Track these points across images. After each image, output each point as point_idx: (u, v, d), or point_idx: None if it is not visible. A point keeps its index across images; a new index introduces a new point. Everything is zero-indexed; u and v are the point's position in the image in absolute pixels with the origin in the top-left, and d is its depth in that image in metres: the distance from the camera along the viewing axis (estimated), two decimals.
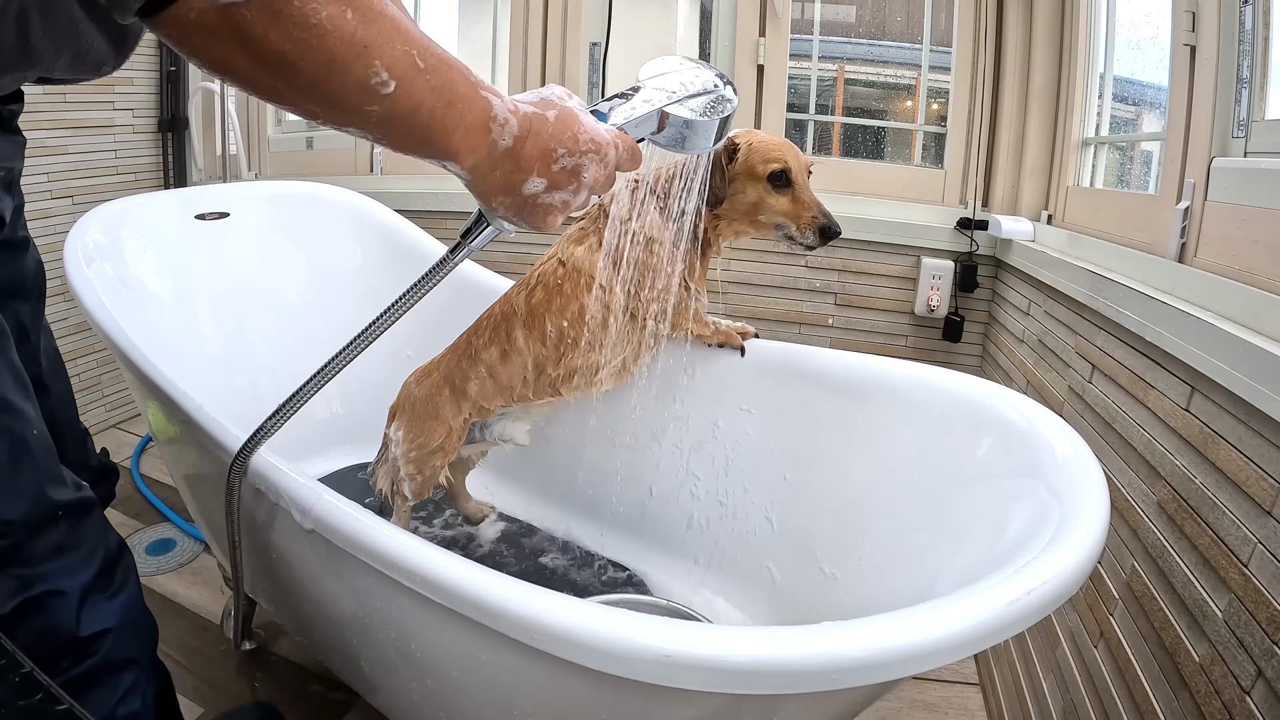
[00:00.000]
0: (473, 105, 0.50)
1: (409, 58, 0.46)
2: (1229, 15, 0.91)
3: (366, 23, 0.43)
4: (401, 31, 0.45)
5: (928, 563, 0.82)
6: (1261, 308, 0.72)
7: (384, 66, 0.45)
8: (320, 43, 0.42)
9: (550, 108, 0.56)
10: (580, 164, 0.57)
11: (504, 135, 0.53)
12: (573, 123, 0.56)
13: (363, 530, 0.68)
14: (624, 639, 0.52)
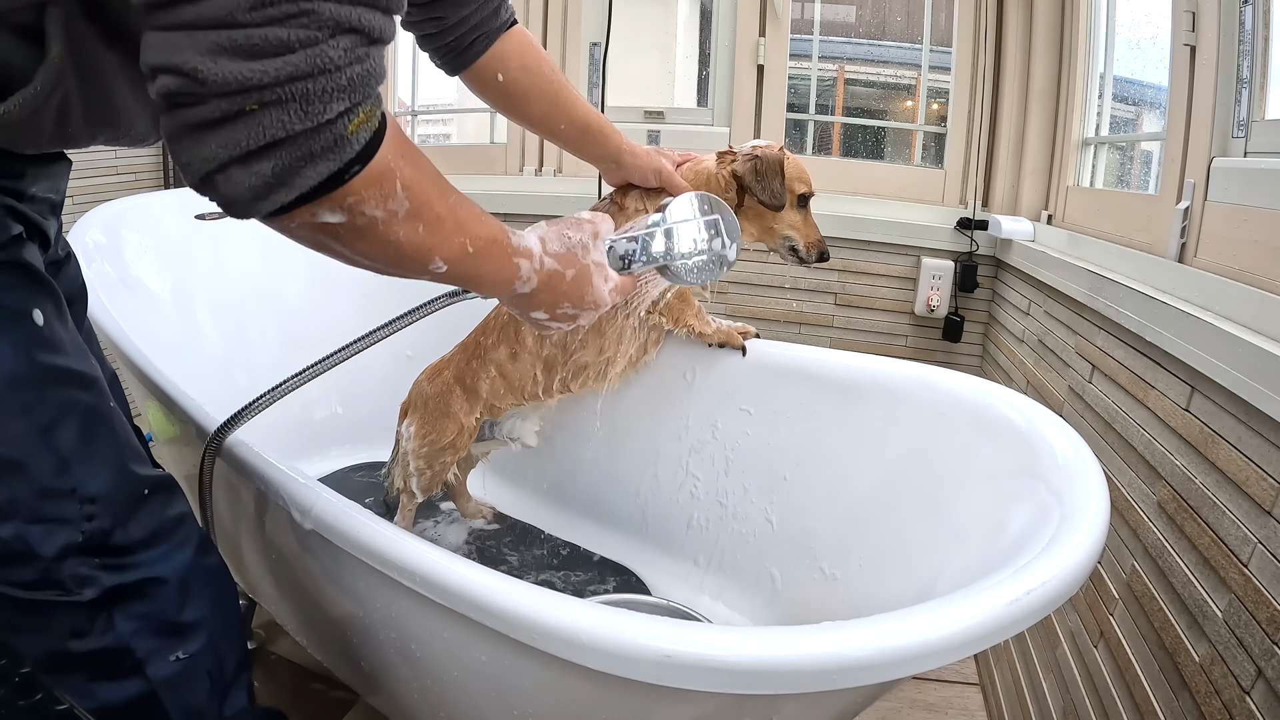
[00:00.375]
0: (504, 270, 0.61)
1: (463, 248, 0.56)
2: (1229, 15, 0.91)
3: (433, 231, 0.53)
4: (461, 226, 0.55)
5: (928, 563, 0.82)
6: (1261, 308, 0.72)
7: (442, 259, 0.55)
8: (395, 251, 0.52)
9: (572, 265, 0.66)
10: (580, 314, 0.68)
11: (524, 287, 0.63)
12: (585, 285, 0.67)
13: (363, 530, 0.68)
14: (624, 639, 0.52)
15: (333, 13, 0.43)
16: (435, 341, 1.36)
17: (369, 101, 0.47)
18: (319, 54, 0.43)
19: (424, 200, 0.52)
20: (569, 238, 0.67)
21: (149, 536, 0.64)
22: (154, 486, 0.66)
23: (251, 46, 0.41)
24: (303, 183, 0.45)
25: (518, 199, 1.88)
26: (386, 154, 0.48)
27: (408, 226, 0.51)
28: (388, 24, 0.47)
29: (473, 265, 0.58)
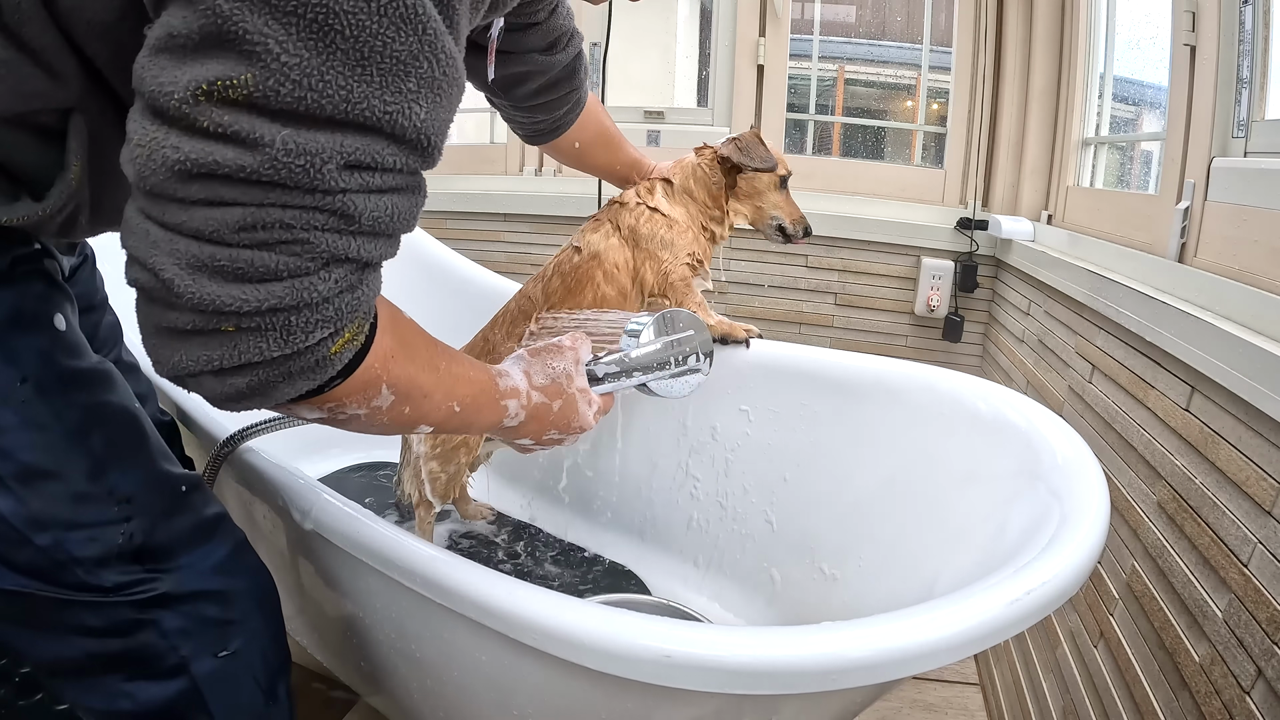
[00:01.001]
0: (491, 414, 0.62)
1: (449, 410, 0.56)
2: (1229, 15, 0.91)
3: (419, 407, 0.53)
4: (448, 392, 0.55)
5: (928, 563, 0.82)
6: (1261, 308, 0.72)
7: (428, 424, 0.56)
8: (385, 427, 0.52)
9: (558, 396, 0.67)
10: (563, 439, 0.70)
11: (511, 422, 0.64)
12: (570, 413, 0.68)
13: (363, 530, 0.68)
14: (624, 639, 0.52)
15: (329, 244, 0.40)
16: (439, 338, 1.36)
17: (355, 322, 0.44)
18: (306, 286, 0.40)
19: (411, 387, 0.51)
20: (553, 368, 0.68)
21: (189, 535, 0.63)
22: (190, 485, 0.65)
23: (235, 269, 0.38)
24: (279, 396, 0.44)
25: (518, 199, 1.88)
26: (373, 363, 0.47)
27: (394, 412, 0.51)
28: (389, 248, 0.45)
29: (461, 421, 0.59)
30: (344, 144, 0.38)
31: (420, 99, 0.40)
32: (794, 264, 1.71)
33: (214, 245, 0.38)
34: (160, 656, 0.61)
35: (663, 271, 1.03)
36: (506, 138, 1.96)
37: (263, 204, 0.38)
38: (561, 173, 1.91)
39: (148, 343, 0.42)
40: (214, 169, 0.36)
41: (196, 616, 0.63)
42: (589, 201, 1.79)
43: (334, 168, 0.38)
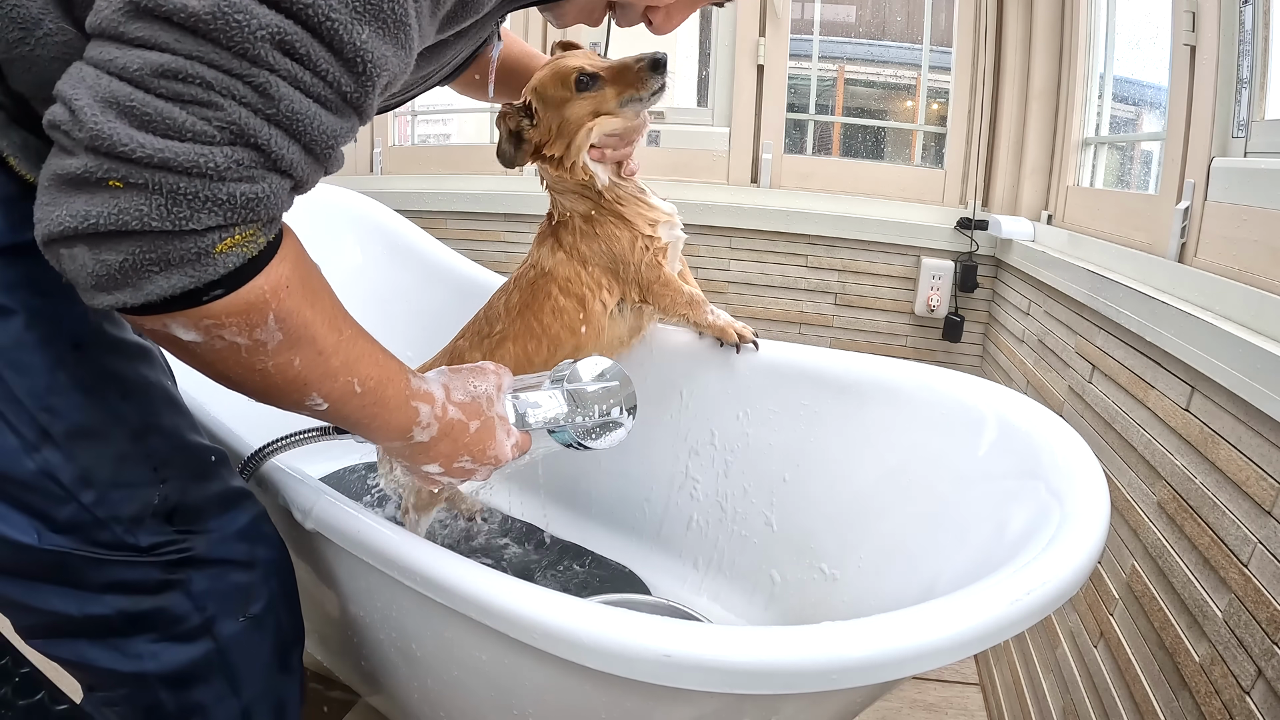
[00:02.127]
0: (400, 415, 0.58)
1: (349, 386, 0.52)
2: (1229, 15, 0.91)
3: (311, 366, 0.49)
4: (349, 363, 0.52)
5: (928, 563, 0.82)
6: (1261, 308, 0.72)
7: (321, 396, 0.52)
8: (263, 381, 0.49)
9: (476, 416, 0.63)
10: (475, 470, 0.65)
11: (422, 434, 0.60)
12: (487, 439, 0.64)
13: (363, 530, 0.68)
14: (624, 639, 0.52)
15: (241, 118, 0.40)
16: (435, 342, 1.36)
17: (252, 226, 0.43)
18: (204, 153, 0.39)
19: (303, 334, 0.48)
20: (474, 388, 0.65)
21: (218, 501, 0.65)
22: (218, 457, 0.66)
23: (142, 114, 0.38)
24: (152, 290, 0.41)
25: (518, 199, 1.88)
26: (263, 285, 0.45)
27: (280, 358, 0.48)
28: (302, 161, 0.43)
29: (360, 406, 0.54)
30: (283, 25, 0.39)
31: (365, 22, 0.41)
32: (794, 264, 1.71)
33: (132, 86, 0.38)
34: (186, 617, 0.63)
35: (634, 282, 0.99)
36: None
37: (191, 55, 0.38)
38: None
39: (39, 200, 0.41)
40: (160, 6, 0.37)
41: (223, 579, 0.64)
42: None
43: (267, 40, 0.39)
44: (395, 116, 2.10)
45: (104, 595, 0.60)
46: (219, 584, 0.64)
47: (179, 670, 0.64)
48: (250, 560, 0.67)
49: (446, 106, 2.24)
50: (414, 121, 2.17)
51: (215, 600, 0.64)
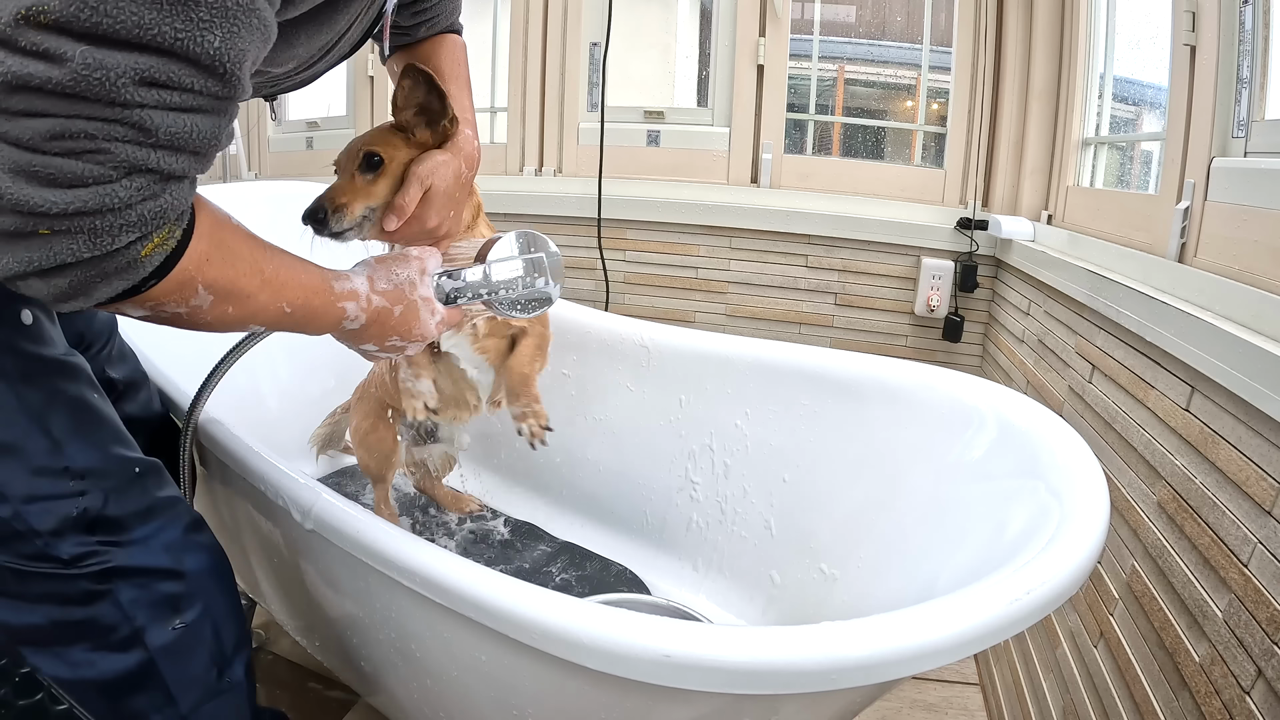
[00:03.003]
0: (328, 316, 0.65)
1: (279, 309, 0.59)
2: (1229, 15, 0.91)
3: (244, 307, 0.56)
4: (276, 293, 0.58)
5: (928, 563, 0.81)
6: (1261, 308, 0.72)
7: (258, 323, 0.60)
8: (214, 324, 0.56)
9: (400, 301, 0.70)
10: (407, 347, 0.73)
11: (352, 324, 0.67)
12: (412, 319, 0.71)
13: (363, 530, 0.68)
14: (624, 639, 0.52)
15: (128, 154, 0.44)
16: None
17: (166, 227, 0.48)
18: (108, 192, 0.44)
19: (232, 288, 0.55)
20: (397, 275, 0.71)
21: (142, 513, 0.68)
22: (144, 468, 0.69)
23: (47, 175, 0.43)
24: (99, 295, 0.48)
25: (518, 199, 1.88)
26: (187, 265, 0.51)
27: (216, 311, 0.55)
28: (194, 164, 0.48)
29: (294, 321, 0.62)
30: (138, 62, 0.42)
31: (214, 27, 0.43)
32: (794, 264, 1.71)
33: (30, 152, 0.42)
34: (117, 627, 0.65)
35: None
36: (506, 138, 1.96)
37: (69, 115, 0.42)
38: (561, 172, 1.91)
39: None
40: (28, 81, 0.41)
41: (150, 589, 0.67)
42: (589, 201, 1.79)
43: (129, 83, 0.42)
44: None
45: (38, 605, 0.63)
46: (146, 594, 0.67)
47: (116, 679, 0.66)
48: (178, 570, 0.69)
49: None
50: None
51: (144, 610, 0.66)
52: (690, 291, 1.79)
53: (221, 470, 0.86)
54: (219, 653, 0.72)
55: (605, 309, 1.81)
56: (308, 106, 2.26)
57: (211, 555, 0.73)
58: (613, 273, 1.83)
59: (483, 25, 2.03)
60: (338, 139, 2.12)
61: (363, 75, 2.06)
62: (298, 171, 2.16)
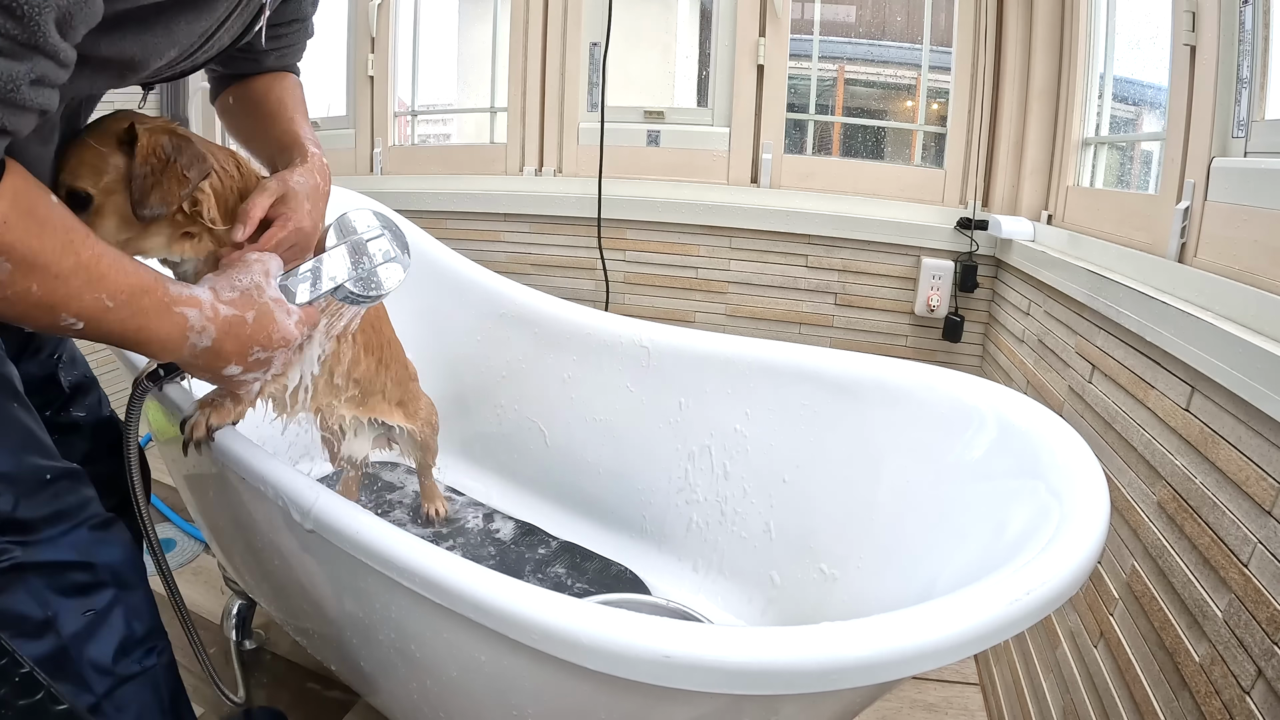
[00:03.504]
0: (166, 322, 0.59)
1: (98, 302, 0.54)
2: (1229, 15, 0.91)
3: (51, 290, 0.51)
4: (93, 281, 0.53)
5: (928, 563, 0.81)
6: (1261, 308, 0.72)
7: (71, 315, 0.53)
8: (10, 307, 0.51)
9: (250, 307, 0.65)
10: (273, 357, 0.68)
11: (202, 339, 0.62)
12: (268, 323, 0.66)
13: (363, 530, 0.68)
14: (624, 639, 0.52)
15: None
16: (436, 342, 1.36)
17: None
18: None
19: (35, 261, 0.50)
20: (240, 281, 0.66)
21: (51, 516, 0.69)
22: (56, 474, 0.70)
23: None
24: None
25: (518, 199, 1.88)
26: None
27: (18, 287, 0.50)
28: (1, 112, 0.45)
29: (119, 320, 0.56)
30: None
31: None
32: (794, 264, 1.71)
33: None
34: (30, 615, 0.67)
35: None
36: (506, 138, 1.96)
37: None
38: (561, 172, 1.91)
39: None
40: None
41: (61, 579, 0.68)
42: (589, 201, 1.79)
43: None
44: (395, 117, 2.10)
45: None
46: (56, 582, 0.68)
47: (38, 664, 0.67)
48: (89, 562, 0.70)
49: (446, 107, 2.25)
50: (414, 121, 2.17)
51: (55, 597, 0.67)
52: (690, 291, 1.79)
53: (221, 470, 0.86)
54: (131, 639, 0.73)
55: (605, 309, 1.81)
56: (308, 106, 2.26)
57: (123, 550, 0.74)
58: (613, 273, 1.83)
59: (483, 25, 2.03)
60: (338, 139, 2.13)
61: (363, 75, 2.06)
62: None
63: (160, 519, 1.64)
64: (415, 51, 2.12)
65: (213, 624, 1.31)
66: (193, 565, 1.48)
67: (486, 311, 1.38)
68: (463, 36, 2.16)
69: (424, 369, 1.23)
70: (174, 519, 1.63)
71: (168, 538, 1.56)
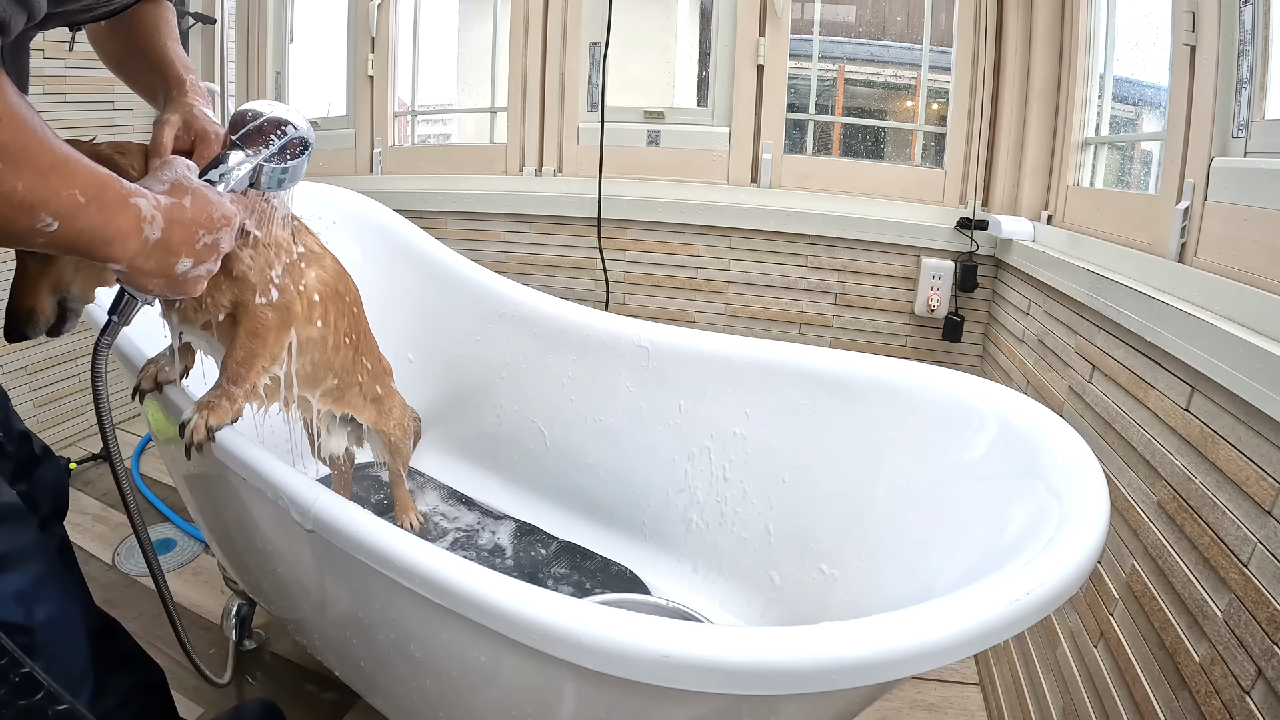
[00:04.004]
0: (125, 215, 0.59)
1: (73, 199, 0.53)
2: (1229, 15, 0.91)
3: (35, 188, 0.50)
4: (68, 178, 0.53)
5: (928, 563, 0.81)
6: (1261, 308, 0.72)
7: (50, 214, 0.52)
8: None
9: (184, 193, 0.65)
10: (218, 239, 0.68)
11: (154, 230, 0.61)
12: (205, 204, 0.66)
13: (363, 530, 0.68)
14: (624, 639, 0.52)
15: None
16: (437, 342, 1.37)
17: None
18: None
19: (24, 155, 0.49)
20: (166, 175, 0.66)
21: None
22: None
23: None
24: None
25: (518, 199, 1.88)
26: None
27: (4, 186, 0.48)
28: None
29: (89, 216, 0.55)
30: None
31: None
32: (794, 264, 1.71)
33: None
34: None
35: None
36: (506, 138, 1.96)
37: None
38: (561, 172, 1.91)
39: None
40: None
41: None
42: (589, 201, 1.79)
43: None
44: (395, 117, 2.10)
45: None
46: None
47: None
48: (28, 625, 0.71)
49: (446, 107, 2.25)
50: (414, 121, 2.17)
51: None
52: (690, 291, 1.79)
53: (221, 470, 0.86)
54: (68, 679, 0.73)
55: (605, 309, 1.81)
56: (308, 107, 2.26)
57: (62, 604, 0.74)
58: (613, 273, 1.83)
59: (483, 26, 2.03)
60: (338, 139, 2.13)
61: (363, 75, 2.06)
62: None
63: (160, 519, 1.64)
64: (415, 51, 2.12)
65: (213, 624, 1.31)
66: (193, 565, 1.48)
67: (486, 311, 1.38)
68: (463, 36, 2.16)
69: (424, 369, 1.23)
70: (174, 519, 1.63)
71: (168, 538, 1.56)
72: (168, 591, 0.87)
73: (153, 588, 0.84)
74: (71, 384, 1.94)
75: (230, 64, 2.20)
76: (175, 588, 1.40)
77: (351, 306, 0.98)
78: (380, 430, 1.12)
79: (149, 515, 1.65)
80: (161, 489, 1.74)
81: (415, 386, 1.37)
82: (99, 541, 1.54)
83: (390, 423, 1.12)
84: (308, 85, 2.26)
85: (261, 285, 0.82)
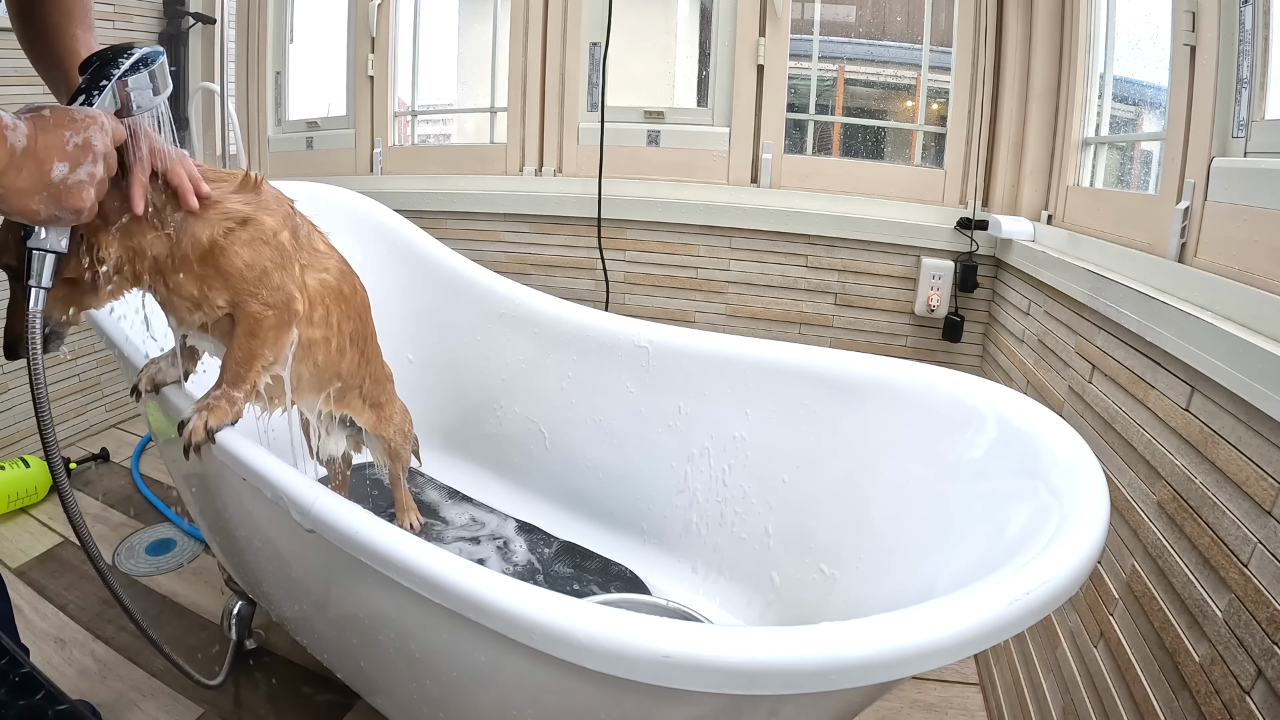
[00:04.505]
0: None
1: None
2: (1229, 15, 0.91)
3: None
4: None
5: (928, 563, 0.81)
6: (1261, 308, 0.72)
7: None
8: None
9: (42, 109, 0.65)
10: (88, 136, 0.66)
11: (18, 138, 0.61)
12: (65, 111, 0.66)
13: (363, 530, 0.68)
14: (624, 639, 0.52)
15: None
16: (437, 343, 1.37)
17: None
18: None
19: None
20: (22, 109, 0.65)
21: None
22: None
23: None
24: None
25: (518, 199, 1.88)
26: None
27: None
28: None
29: None
30: None
31: None
32: (794, 264, 1.71)
33: None
34: None
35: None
36: (506, 138, 1.96)
37: None
38: (561, 172, 1.91)
39: None
40: None
41: None
42: (589, 201, 1.79)
43: None
44: (395, 117, 2.10)
45: None
46: None
47: None
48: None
49: (446, 107, 2.25)
50: (414, 121, 2.17)
51: None
52: (690, 291, 1.79)
53: (220, 470, 0.86)
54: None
55: (605, 309, 1.81)
56: (308, 106, 2.26)
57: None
58: (613, 273, 1.83)
59: (483, 26, 2.03)
60: (338, 139, 2.13)
61: (363, 75, 2.06)
62: (298, 172, 2.16)
63: (160, 519, 1.64)
64: (415, 51, 2.12)
65: (212, 624, 1.31)
66: (192, 565, 1.48)
67: (487, 311, 1.38)
68: (463, 36, 2.16)
69: (424, 369, 1.23)
70: (174, 519, 1.63)
71: (168, 538, 1.56)
72: (130, 603, 0.83)
73: (152, 588, 0.83)
74: (71, 384, 1.94)
75: (230, 64, 2.20)
76: (175, 588, 1.40)
77: (359, 309, 0.98)
78: (380, 436, 1.12)
79: (149, 515, 1.65)
80: (161, 489, 1.74)
81: (415, 387, 1.37)
82: (99, 542, 1.54)
83: (390, 429, 1.12)
84: (308, 85, 2.27)
85: (252, 276, 0.80)
